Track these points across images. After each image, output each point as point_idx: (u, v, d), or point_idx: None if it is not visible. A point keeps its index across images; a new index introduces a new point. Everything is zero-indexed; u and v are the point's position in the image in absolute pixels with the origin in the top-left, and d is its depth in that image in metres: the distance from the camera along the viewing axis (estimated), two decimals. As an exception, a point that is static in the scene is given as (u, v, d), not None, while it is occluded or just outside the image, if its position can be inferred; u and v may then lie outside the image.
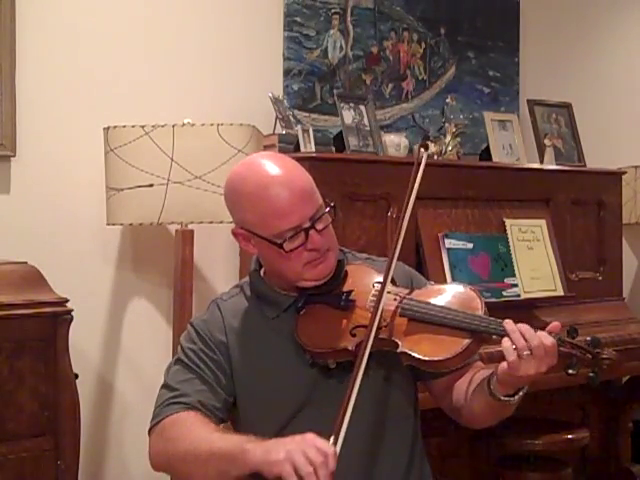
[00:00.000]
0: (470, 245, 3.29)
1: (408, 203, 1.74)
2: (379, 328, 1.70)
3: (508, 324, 1.64)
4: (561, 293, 3.50)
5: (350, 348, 1.69)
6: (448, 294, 1.77)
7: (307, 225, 1.72)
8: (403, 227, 1.73)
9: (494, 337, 1.66)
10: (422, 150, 1.77)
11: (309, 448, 1.49)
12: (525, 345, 1.60)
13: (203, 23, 3.24)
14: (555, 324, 1.65)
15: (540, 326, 1.66)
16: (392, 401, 1.80)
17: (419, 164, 1.76)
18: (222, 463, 1.59)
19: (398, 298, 1.75)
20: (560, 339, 1.63)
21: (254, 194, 1.72)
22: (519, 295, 3.35)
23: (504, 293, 3.32)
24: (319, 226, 1.73)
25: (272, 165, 1.74)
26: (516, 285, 3.36)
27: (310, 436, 1.52)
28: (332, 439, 1.53)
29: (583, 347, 1.63)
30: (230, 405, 1.81)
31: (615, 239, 3.92)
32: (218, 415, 1.76)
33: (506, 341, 1.62)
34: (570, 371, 1.63)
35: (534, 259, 3.46)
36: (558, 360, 1.62)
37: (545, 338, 1.61)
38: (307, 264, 1.74)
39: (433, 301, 1.74)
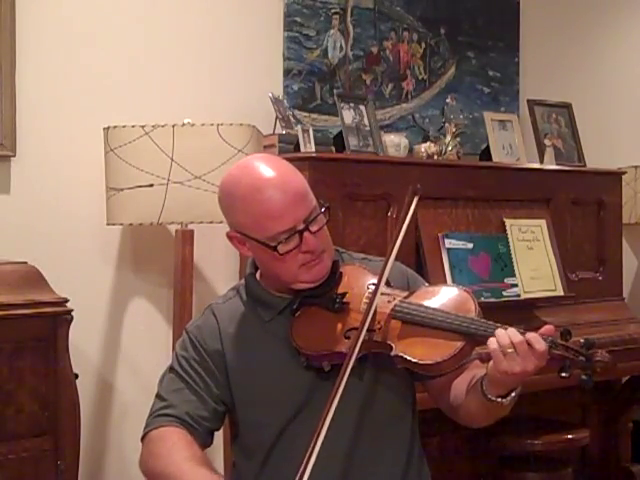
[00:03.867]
0: (470, 245, 3.29)
1: (397, 238, 1.72)
2: (373, 331, 1.69)
3: (498, 329, 1.64)
4: (561, 293, 3.50)
5: (344, 351, 1.68)
6: (442, 296, 1.77)
7: (301, 227, 1.71)
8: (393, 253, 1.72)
9: (487, 339, 1.66)
10: (412, 195, 1.74)
11: None
12: (508, 342, 1.60)
13: (203, 23, 3.24)
14: (548, 327, 1.64)
15: (539, 327, 1.65)
16: (388, 403, 1.79)
17: (408, 209, 1.74)
18: None
19: (392, 300, 1.74)
20: (553, 342, 1.61)
21: (247, 197, 1.72)
22: (519, 295, 3.35)
23: (504, 293, 3.32)
24: (313, 228, 1.73)
25: (265, 167, 1.74)
26: (516, 285, 3.36)
27: None
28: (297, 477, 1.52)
29: (576, 350, 1.62)
30: (220, 414, 1.82)
31: (615, 239, 3.92)
32: (205, 425, 1.78)
33: (492, 342, 1.62)
34: (563, 374, 1.61)
35: (534, 259, 3.46)
36: (551, 362, 1.61)
37: (537, 342, 1.60)
38: (302, 266, 1.74)
39: (427, 303, 1.73)
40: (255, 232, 1.73)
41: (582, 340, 1.64)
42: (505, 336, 1.61)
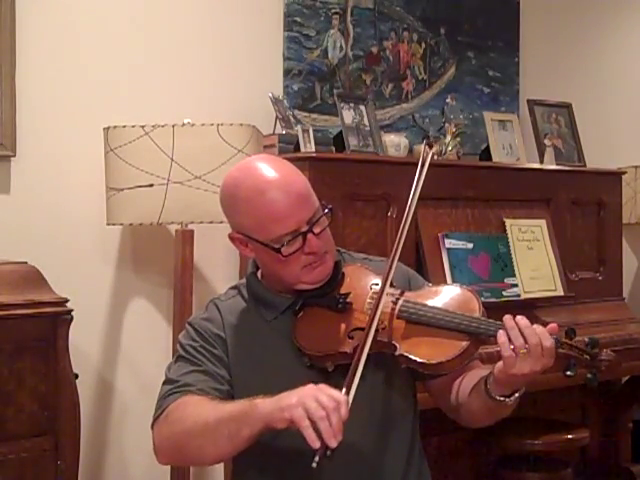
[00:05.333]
0: (470, 245, 3.29)
1: (412, 202, 1.73)
2: (377, 331, 1.69)
3: (507, 320, 1.63)
4: (561, 293, 3.51)
5: (348, 351, 1.68)
6: (446, 295, 1.77)
7: (304, 229, 1.71)
8: (406, 226, 1.73)
9: (492, 338, 1.66)
10: (427, 149, 1.76)
11: (321, 394, 1.50)
12: (522, 343, 1.59)
13: (203, 23, 3.24)
14: (553, 325, 1.64)
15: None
16: (389, 402, 1.79)
17: (423, 162, 1.75)
18: (232, 424, 1.58)
19: (395, 300, 1.74)
20: (558, 340, 1.62)
21: (250, 199, 1.71)
22: (519, 295, 3.35)
23: (504, 293, 3.32)
24: (316, 229, 1.73)
25: (268, 169, 1.73)
26: (516, 285, 3.36)
27: (323, 385, 1.53)
28: (344, 390, 1.54)
29: (581, 348, 1.63)
30: (233, 398, 1.78)
31: (615, 239, 3.92)
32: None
33: (502, 335, 1.61)
34: (568, 373, 1.62)
35: (534, 259, 3.46)
36: (556, 361, 1.62)
37: (545, 339, 1.60)
38: (305, 267, 1.74)
39: (431, 303, 1.74)
40: (258, 234, 1.73)
41: (587, 339, 1.64)
42: (519, 337, 1.60)
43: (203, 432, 1.61)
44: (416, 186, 1.75)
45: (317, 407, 1.48)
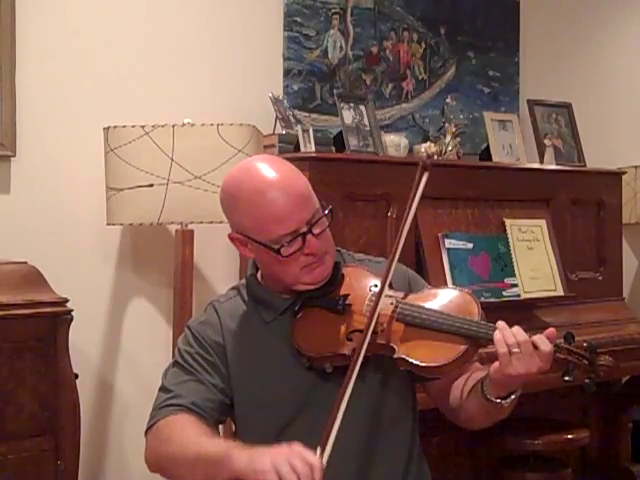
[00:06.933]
0: (470, 245, 3.29)
1: (407, 218, 1.73)
2: (375, 333, 1.69)
3: (500, 323, 1.66)
4: (561, 293, 3.50)
5: (347, 353, 1.69)
6: (445, 298, 1.77)
7: (304, 230, 1.71)
8: (403, 235, 1.72)
9: (490, 342, 1.66)
10: (424, 171, 1.76)
11: (295, 458, 1.48)
12: (515, 342, 1.61)
13: (203, 23, 3.24)
14: (551, 330, 1.65)
15: (539, 327, 1.66)
16: (389, 404, 1.79)
17: (419, 182, 1.75)
18: (208, 467, 1.60)
19: (395, 302, 1.74)
20: (556, 345, 1.62)
21: (251, 200, 1.71)
22: (519, 295, 3.35)
23: (504, 293, 3.32)
24: (316, 230, 1.73)
25: (268, 169, 1.73)
26: (516, 285, 3.36)
27: (297, 447, 1.52)
28: (319, 450, 1.52)
29: (579, 353, 1.63)
30: (227, 407, 1.80)
31: (615, 239, 3.92)
32: (214, 415, 1.76)
33: (498, 333, 1.64)
34: (566, 378, 1.63)
35: (534, 259, 3.46)
36: (554, 365, 1.62)
37: (543, 343, 1.61)
38: (304, 268, 1.74)
39: (430, 306, 1.74)
40: (258, 234, 1.73)
41: (585, 344, 1.64)
42: (510, 335, 1.62)
43: (183, 464, 1.65)
44: (410, 205, 1.74)
45: (290, 472, 1.47)
